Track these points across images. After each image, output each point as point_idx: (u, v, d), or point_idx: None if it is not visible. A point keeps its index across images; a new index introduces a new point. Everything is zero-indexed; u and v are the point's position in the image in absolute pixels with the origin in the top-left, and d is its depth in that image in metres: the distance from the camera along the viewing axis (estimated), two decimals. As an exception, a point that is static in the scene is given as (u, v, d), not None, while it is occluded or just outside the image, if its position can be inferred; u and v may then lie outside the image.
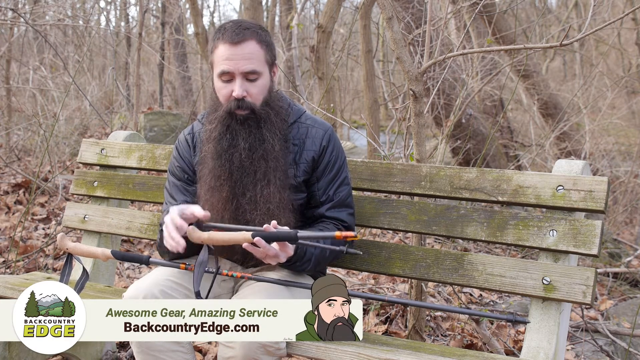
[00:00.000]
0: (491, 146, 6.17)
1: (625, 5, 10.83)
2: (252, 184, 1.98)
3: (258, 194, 1.97)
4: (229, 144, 1.99)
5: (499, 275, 2.01)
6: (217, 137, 2.00)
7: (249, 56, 1.96)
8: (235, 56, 1.95)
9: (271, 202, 1.97)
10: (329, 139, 2.09)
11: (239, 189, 1.98)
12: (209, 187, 2.00)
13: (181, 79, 12.92)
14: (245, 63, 1.95)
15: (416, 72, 2.45)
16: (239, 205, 1.98)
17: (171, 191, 2.16)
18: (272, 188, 1.97)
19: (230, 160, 1.98)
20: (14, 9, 5.56)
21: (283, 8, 11.12)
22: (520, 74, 6.39)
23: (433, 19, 3.46)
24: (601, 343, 3.06)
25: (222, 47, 1.97)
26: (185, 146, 2.18)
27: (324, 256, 2.00)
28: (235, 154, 1.98)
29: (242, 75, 1.96)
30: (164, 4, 11.90)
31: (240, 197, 1.98)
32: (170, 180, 2.18)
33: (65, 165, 6.44)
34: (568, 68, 17.22)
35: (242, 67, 1.95)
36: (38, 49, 10.19)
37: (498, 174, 2.10)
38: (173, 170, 2.18)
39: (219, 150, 1.99)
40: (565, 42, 2.20)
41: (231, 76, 1.97)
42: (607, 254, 5.07)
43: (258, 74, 1.98)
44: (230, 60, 1.95)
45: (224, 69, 1.96)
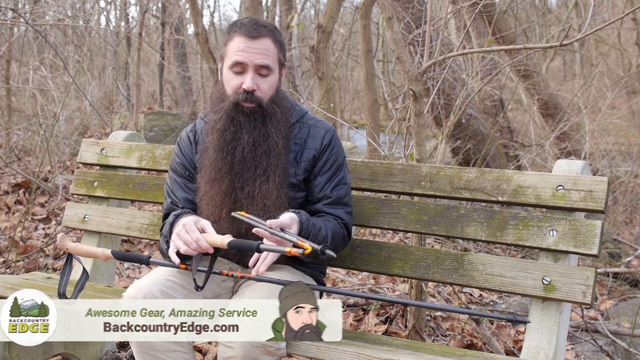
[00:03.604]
0: (491, 146, 6.17)
1: (625, 5, 10.83)
2: (251, 178, 1.98)
3: (256, 190, 1.97)
4: (232, 136, 1.99)
5: (499, 275, 2.01)
6: (221, 128, 2.00)
7: (264, 51, 1.98)
8: (251, 49, 1.96)
9: (268, 198, 1.97)
10: (330, 138, 2.10)
11: (238, 183, 1.98)
12: (209, 179, 2.01)
13: (181, 79, 12.91)
14: (260, 57, 1.97)
15: (416, 72, 2.45)
16: (236, 199, 1.99)
17: (172, 187, 2.16)
18: (270, 185, 1.98)
19: (232, 153, 1.98)
20: (14, 9, 5.56)
21: (283, 8, 11.11)
22: (520, 74, 6.40)
23: (433, 19, 3.46)
24: (601, 343, 3.06)
25: (238, 39, 1.98)
26: (187, 143, 2.17)
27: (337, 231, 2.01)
28: (238, 147, 1.98)
29: (254, 69, 1.97)
30: (164, 4, 11.90)
31: (239, 191, 1.98)
32: (171, 176, 2.18)
33: (65, 165, 6.44)
34: (568, 68, 17.21)
35: (256, 60, 1.97)
36: (38, 49, 10.19)
37: (498, 174, 2.10)
38: (174, 166, 2.18)
39: (222, 142, 1.99)
40: (565, 42, 2.19)
41: (243, 68, 1.98)
42: (607, 254, 5.07)
43: (270, 70, 2.00)
44: (245, 52, 1.96)
45: (238, 59, 1.97)
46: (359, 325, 3.34)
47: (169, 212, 2.12)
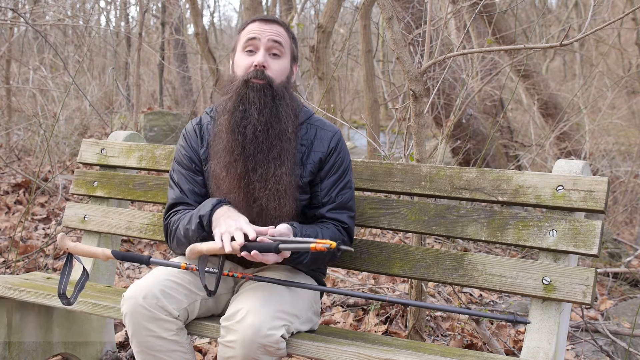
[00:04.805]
0: (491, 146, 6.16)
1: (625, 5, 10.83)
2: (265, 160, 1.95)
3: (270, 172, 1.95)
4: (241, 115, 1.97)
5: (499, 275, 2.01)
6: (231, 108, 1.99)
7: (277, 32, 2.05)
8: (265, 29, 2.03)
9: (280, 183, 1.95)
10: (337, 142, 2.10)
11: (250, 164, 1.95)
12: (224, 163, 1.98)
13: (181, 79, 12.90)
14: (273, 34, 2.03)
15: (416, 72, 2.45)
16: (249, 181, 1.96)
17: (178, 179, 2.12)
18: (284, 169, 1.96)
19: (243, 133, 1.96)
20: (14, 9, 5.56)
21: (283, 8, 11.11)
22: (520, 74, 6.40)
23: (433, 19, 3.46)
24: (601, 343, 3.06)
25: (252, 25, 2.06)
26: (193, 136, 2.15)
27: (321, 254, 1.98)
28: (248, 126, 1.96)
29: (266, 47, 2.01)
30: (164, 4, 11.90)
31: (252, 172, 1.95)
32: (176, 168, 2.15)
33: (65, 165, 6.44)
34: (568, 68, 17.21)
35: (269, 36, 2.02)
36: (38, 49, 10.19)
37: (498, 174, 2.10)
38: (180, 159, 2.15)
39: (233, 123, 1.97)
40: (565, 42, 2.20)
41: (256, 47, 2.02)
42: (607, 254, 5.07)
43: (281, 51, 2.04)
44: (258, 30, 2.03)
45: (251, 35, 2.02)
46: (359, 325, 3.34)
47: (176, 202, 2.09)
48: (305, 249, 1.66)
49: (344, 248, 1.66)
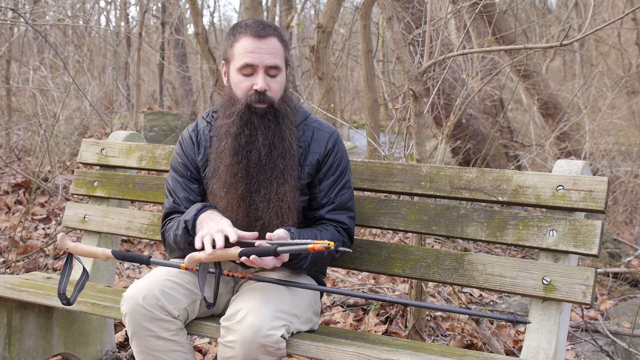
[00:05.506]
0: (491, 146, 6.16)
1: (625, 5, 10.83)
2: (267, 181, 1.96)
3: (273, 192, 1.95)
4: (247, 140, 1.97)
5: (499, 275, 2.01)
6: (235, 132, 1.97)
7: (272, 51, 1.97)
8: (260, 50, 1.95)
9: (283, 200, 1.96)
10: (334, 142, 2.09)
11: (254, 186, 1.96)
12: (225, 183, 1.98)
13: (181, 79, 12.90)
14: (270, 57, 1.96)
15: (416, 72, 2.45)
16: (252, 202, 1.97)
17: (173, 187, 2.14)
18: (286, 187, 1.96)
19: (247, 157, 1.97)
20: (14, 9, 5.56)
21: (283, 8, 11.11)
22: (520, 74, 6.40)
23: (433, 19, 3.46)
24: (601, 343, 3.06)
25: (245, 40, 1.96)
26: (189, 143, 2.15)
27: (320, 256, 1.99)
28: (253, 150, 1.96)
29: (264, 70, 1.96)
30: (164, 4, 11.90)
31: (255, 193, 1.97)
32: (173, 176, 2.16)
33: (65, 165, 6.44)
34: (568, 68, 17.21)
35: (266, 61, 1.96)
36: (38, 49, 10.19)
37: (498, 174, 2.10)
38: (176, 166, 2.16)
39: (237, 146, 1.97)
40: (565, 42, 2.19)
41: (254, 70, 1.96)
42: (607, 254, 5.07)
43: (279, 70, 1.99)
44: (254, 53, 1.95)
45: (248, 61, 1.95)
46: (359, 325, 3.34)
47: (170, 212, 2.11)
48: (304, 250, 1.67)
49: (342, 249, 1.67)
